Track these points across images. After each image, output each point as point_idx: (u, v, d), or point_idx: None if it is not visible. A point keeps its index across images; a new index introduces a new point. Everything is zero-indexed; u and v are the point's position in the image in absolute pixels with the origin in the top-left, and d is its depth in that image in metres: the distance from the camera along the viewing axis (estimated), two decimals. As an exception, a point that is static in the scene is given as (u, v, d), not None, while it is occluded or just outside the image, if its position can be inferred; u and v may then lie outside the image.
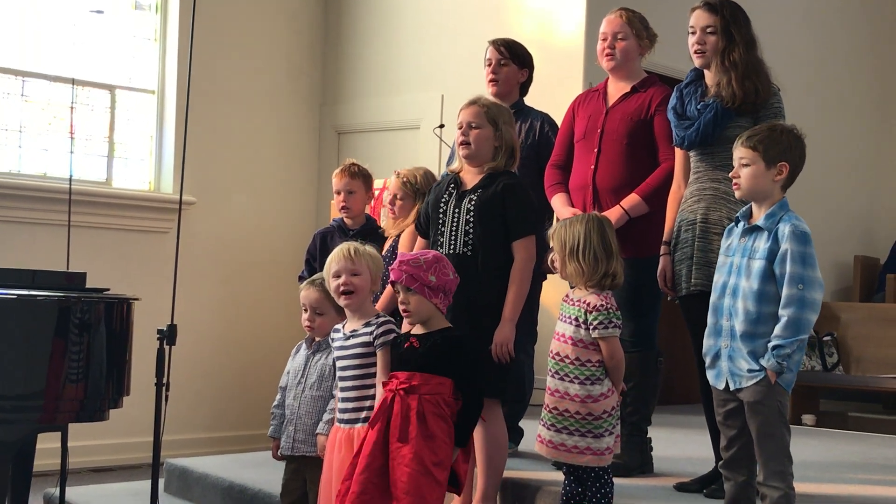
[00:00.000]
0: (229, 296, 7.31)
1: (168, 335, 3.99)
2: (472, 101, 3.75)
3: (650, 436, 4.12)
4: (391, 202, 4.41)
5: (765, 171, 3.20)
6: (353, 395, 3.54)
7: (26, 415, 3.73)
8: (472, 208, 3.63)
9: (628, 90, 4.12)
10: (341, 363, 3.58)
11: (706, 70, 3.77)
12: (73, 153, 6.54)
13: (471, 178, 3.73)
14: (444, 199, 3.73)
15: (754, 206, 3.28)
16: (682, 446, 4.87)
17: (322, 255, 4.32)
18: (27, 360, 3.70)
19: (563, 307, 3.44)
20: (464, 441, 3.35)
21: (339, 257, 3.60)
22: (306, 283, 3.85)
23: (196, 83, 5.26)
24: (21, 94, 6.67)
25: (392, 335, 3.49)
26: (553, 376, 3.38)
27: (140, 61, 7.14)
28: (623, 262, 3.41)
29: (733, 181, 3.28)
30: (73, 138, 6.65)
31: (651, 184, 3.97)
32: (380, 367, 3.47)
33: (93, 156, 6.94)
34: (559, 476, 3.56)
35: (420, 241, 3.89)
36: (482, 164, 3.70)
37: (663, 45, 4.26)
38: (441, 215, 3.71)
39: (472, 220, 3.63)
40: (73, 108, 6.75)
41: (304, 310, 3.81)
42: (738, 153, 3.25)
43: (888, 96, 8.83)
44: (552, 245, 3.45)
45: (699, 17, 3.74)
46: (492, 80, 4.48)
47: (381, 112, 7.35)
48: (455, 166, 3.83)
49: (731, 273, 3.26)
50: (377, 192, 5.61)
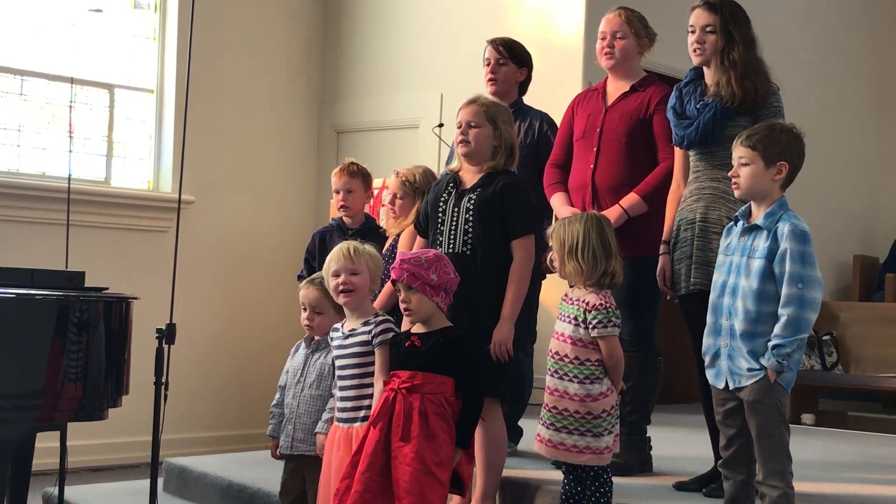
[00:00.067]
0: (228, 295, 7.30)
1: (167, 334, 3.99)
2: (472, 100, 3.75)
3: (649, 435, 4.11)
4: (391, 201, 4.41)
5: (764, 171, 3.20)
6: (351, 394, 3.54)
7: (25, 414, 3.72)
8: (472, 207, 3.63)
9: (627, 89, 4.12)
10: (340, 362, 3.58)
11: (705, 69, 3.77)
12: (71, 152, 6.54)
13: (470, 177, 3.72)
14: (443, 199, 3.73)
15: (753, 206, 3.27)
16: (682, 445, 4.86)
17: (321, 254, 4.32)
18: (26, 359, 3.69)
19: (562, 306, 3.43)
20: (466, 442, 3.35)
21: (338, 256, 3.60)
22: (306, 282, 3.85)
23: (195, 82, 5.26)
24: (20, 94, 6.66)
25: (390, 334, 3.49)
26: (552, 375, 3.37)
27: (139, 60, 7.13)
28: (622, 261, 3.41)
29: (732, 180, 3.28)
30: (71, 137, 6.64)
31: (650, 183, 3.97)
32: (378, 366, 3.47)
33: (92, 155, 6.93)
34: (558, 475, 3.55)
35: (419, 240, 3.88)
36: (481, 163, 3.70)
37: (663, 45, 4.26)
38: (440, 214, 3.71)
39: (471, 219, 3.62)
40: (72, 107, 6.74)
41: (303, 309, 3.82)
42: (738, 152, 3.25)
43: (888, 96, 8.83)
44: (551, 244, 3.44)
45: (699, 16, 3.73)
46: (490, 80, 4.48)
47: (381, 111, 7.34)
48: (454, 165, 3.83)
49: (731, 272, 3.26)
50: (376, 192, 5.61)
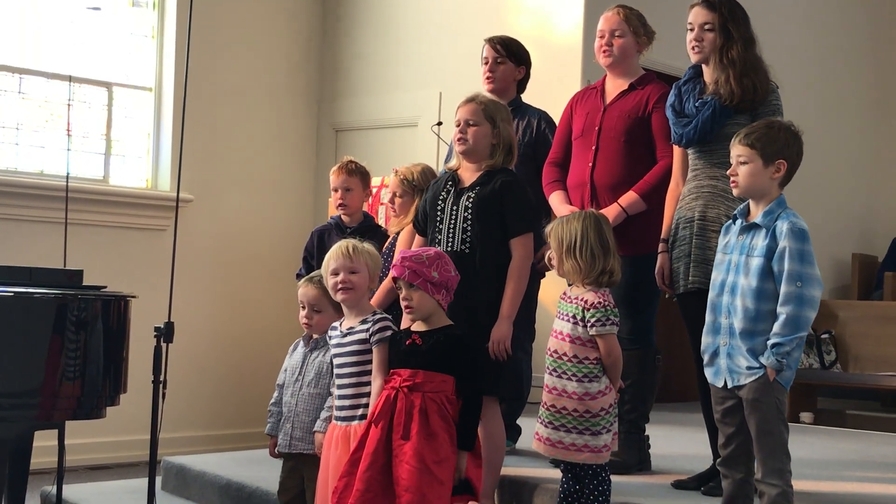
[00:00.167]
0: (227, 293, 7.30)
1: (165, 333, 3.98)
2: (470, 99, 3.74)
3: (648, 433, 4.11)
4: (391, 200, 4.40)
5: (762, 169, 3.20)
6: (349, 393, 3.53)
7: (23, 412, 3.72)
8: (470, 206, 3.63)
9: (626, 87, 4.12)
10: (338, 360, 3.58)
11: (704, 67, 3.76)
12: (70, 150, 6.53)
13: (469, 175, 3.72)
14: (441, 197, 3.73)
15: (752, 204, 3.27)
16: (680, 444, 4.87)
17: (320, 252, 4.31)
18: (24, 358, 3.69)
19: (560, 305, 3.43)
20: (470, 444, 3.35)
21: (337, 255, 3.60)
22: (304, 281, 3.85)
23: (193, 80, 5.25)
24: (18, 92, 6.66)
25: (388, 332, 3.49)
26: (551, 374, 3.37)
27: (137, 58, 7.13)
28: (620, 260, 3.41)
29: (731, 179, 3.28)
30: (70, 136, 6.63)
31: (649, 181, 3.96)
32: (376, 364, 3.47)
33: (90, 153, 6.93)
34: (557, 474, 3.55)
35: (418, 238, 3.88)
36: (480, 162, 3.69)
37: (661, 43, 4.25)
38: (439, 213, 3.71)
39: (470, 217, 3.62)
40: (71, 105, 6.73)
41: (301, 307, 3.81)
42: (736, 151, 3.25)
43: (887, 95, 8.83)
44: (549, 242, 3.44)
45: (697, 14, 3.73)
46: (488, 78, 4.47)
47: (379, 109, 7.33)
48: (453, 164, 3.83)
49: (730, 270, 3.26)
50: (375, 190, 5.60)
